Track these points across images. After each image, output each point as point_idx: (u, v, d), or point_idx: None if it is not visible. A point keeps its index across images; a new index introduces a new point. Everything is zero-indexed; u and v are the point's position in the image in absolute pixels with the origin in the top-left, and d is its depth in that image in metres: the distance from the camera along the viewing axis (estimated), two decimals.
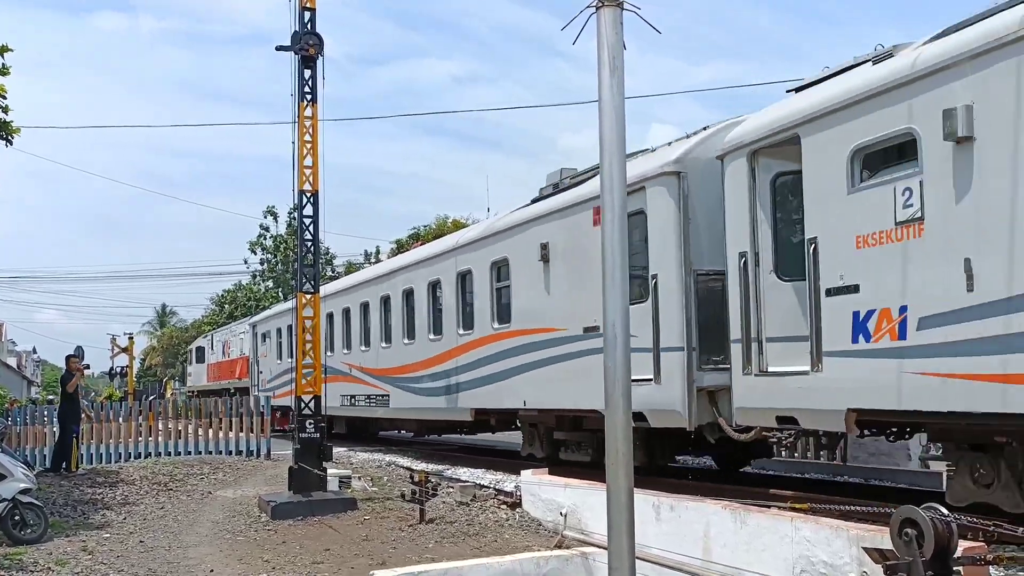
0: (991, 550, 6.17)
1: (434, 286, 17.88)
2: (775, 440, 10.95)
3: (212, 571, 9.85)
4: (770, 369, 9.75)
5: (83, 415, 18.19)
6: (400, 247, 44.40)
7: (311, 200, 14.42)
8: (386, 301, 20.24)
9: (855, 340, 8.53)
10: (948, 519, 5.65)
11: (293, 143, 14.26)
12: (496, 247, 15.45)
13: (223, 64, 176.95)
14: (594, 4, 5.42)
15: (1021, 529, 5.95)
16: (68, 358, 18.31)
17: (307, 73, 14.21)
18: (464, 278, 16.62)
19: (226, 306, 67.42)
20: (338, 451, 19.42)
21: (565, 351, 13.23)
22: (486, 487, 14.04)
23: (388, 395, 19.69)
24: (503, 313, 15.19)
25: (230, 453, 19.90)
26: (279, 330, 29.33)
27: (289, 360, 25.32)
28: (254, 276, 65.84)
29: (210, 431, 20.23)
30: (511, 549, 10.22)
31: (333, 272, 53.90)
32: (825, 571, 7.33)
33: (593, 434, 13.63)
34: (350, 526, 12.17)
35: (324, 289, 22.89)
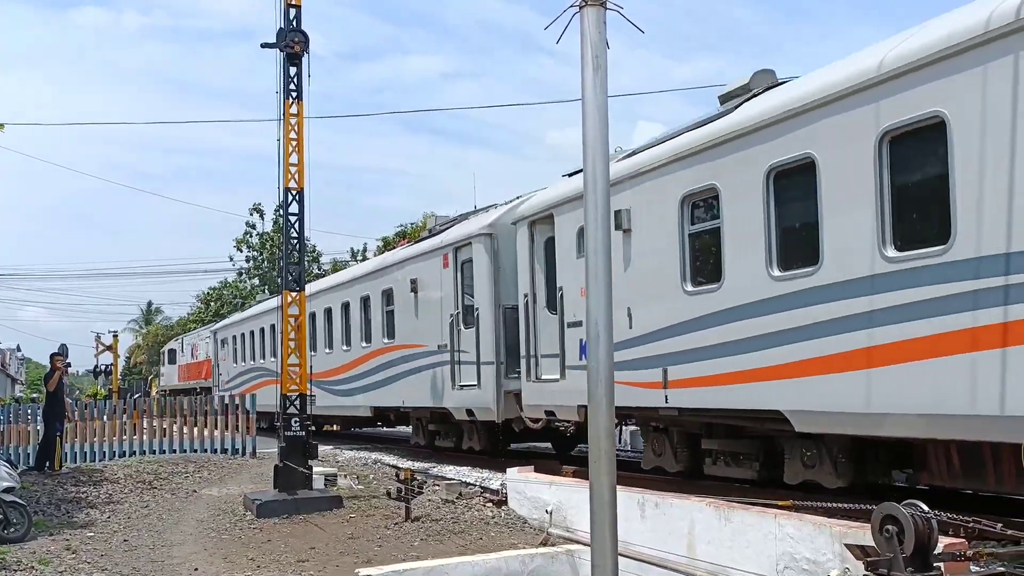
0: (971, 546, 6.22)
1: (346, 307, 22.03)
2: (563, 428, 15.11)
3: (196, 570, 9.83)
4: (542, 377, 13.68)
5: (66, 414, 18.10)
6: (387, 244, 44.35)
7: (296, 198, 14.39)
8: (313, 317, 23.10)
9: (581, 358, 12.02)
10: (928, 516, 5.70)
11: (278, 141, 14.23)
12: (385, 279, 19.67)
13: (208, 59, 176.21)
14: (577, 3, 5.42)
15: (1000, 525, 6.01)
16: (52, 356, 18.23)
17: (292, 70, 14.17)
18: (366, 301, 20.72)
19: (212, 304, 67.17)
20: (324, 449, 19.43)
21: (427, 362, 17.30)
22: (472, 485, 14.05)
23: (315, 395, 22.32)
24: (390, 331, 19.23)
25: (215, 451, 19.87)
26: (234, 337, 33.60)
27: (243, 363, 31.67)
28: (240, 273, 65.65)
29: (195, 429, 20.18)
30: (497, 547, 10.24)
31: (319, 270, 53.82)
32: (808, 568, 7.38)
33: (456, 425, 17.65)
34: (335, 524, 12.16)
35: (266, 305, 30.02)
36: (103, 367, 50.93)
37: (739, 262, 9.73)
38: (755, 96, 10.19)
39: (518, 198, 15.17)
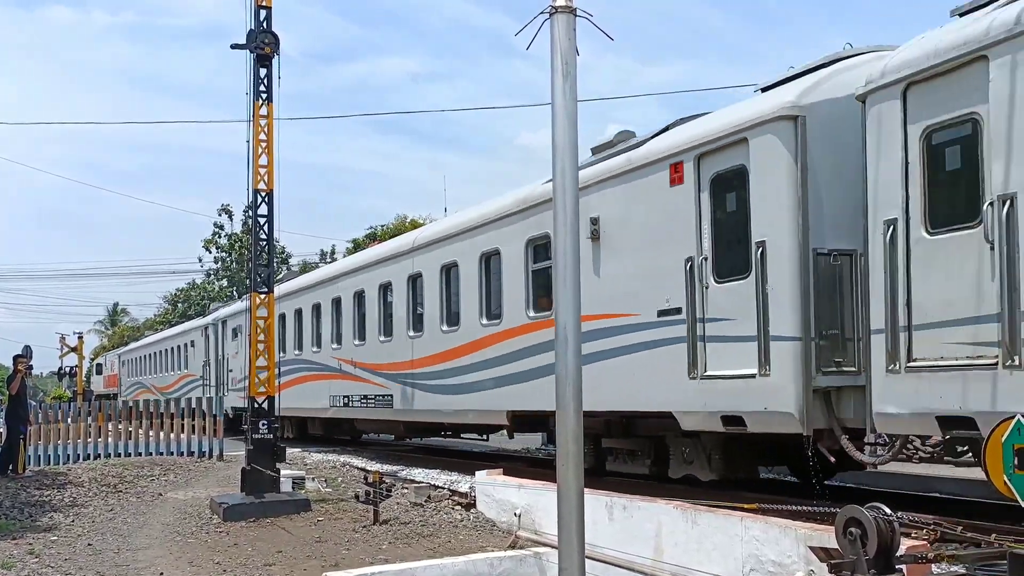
0: (933, 548, 6.31)
1: (172, 350, 38.64)
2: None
3: (162, 574, 9.75)
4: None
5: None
6: (357, 247, 44.23)
7: (266, 199, 14.32)
8: (159, 353, 41.14)
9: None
10: (891, 518, 5.78)
11: (248, 142, 14.15)
12: (187, 335, 36.41)
13: (177, 58, 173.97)
14: (548, 10, 5.47)
15: (960, 528, 6.11)
16: (16, 358, 17.98)
17: (262, 72, 14.10)
18: (184, 347, 36.68)
19: (179, 305, 66.62)
20: (292, 452, 19.33)
21: (197, 388, 31.62)
22: (440, 488, 14.04)
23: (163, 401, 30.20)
24: (183, 365, 36.20)
25: (182, 454, 19.71)
26: (133, 359, 49.06)
27: (132, 378, 48.14)
28: (208, 275, 65.17)
29: (161, 432, 20.01)
30: (465, 550, 10.25)
31: (288, 271, 53.47)
32: (773, 570, 7.45)
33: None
34: (303, 527, 12.11)
35: (153, 338, 46.84)
36: (67, 369, 50.38)
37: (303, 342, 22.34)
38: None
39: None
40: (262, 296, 14.46)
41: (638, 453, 11.62)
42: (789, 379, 8.54)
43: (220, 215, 61.53)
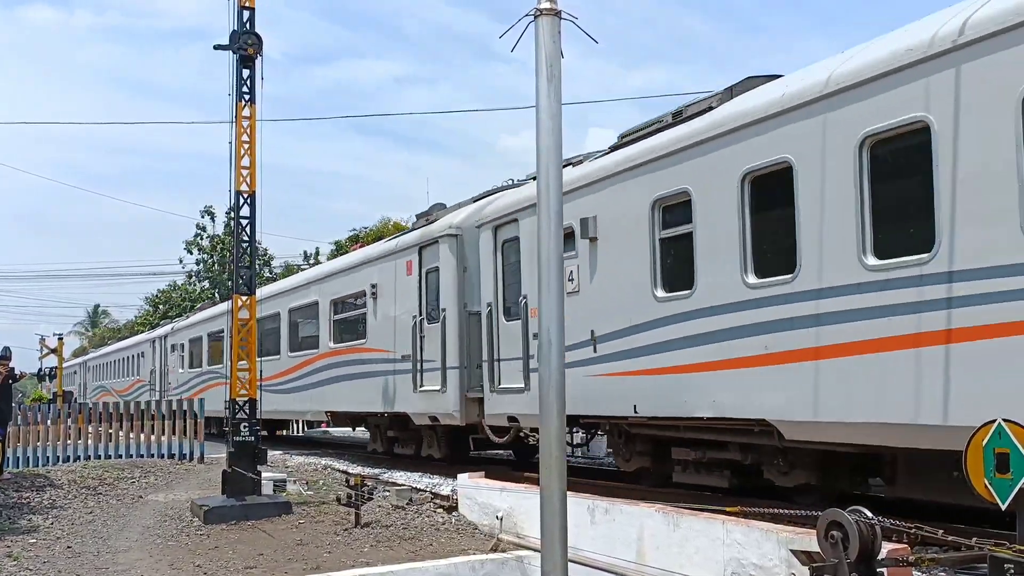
0: (914, 552, 6.33)
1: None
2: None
3: None
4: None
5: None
6: (339, 249, 44.11)
7: (248, 201, 14.24)
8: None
9: None
10: (872, 522, 5.80)
11: (230, 143, 14.07)
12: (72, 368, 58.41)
13: (161, 60, 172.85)
14: (532, 13, 5.46)
15: (941, 531, 6.14)
16: None
17: (245, 73, 14.04)
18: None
19: (160, 307, 66.19)
20: (273, 454, 19.24)
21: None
22: (422, 491, 14.01)
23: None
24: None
25: (162, 456, 19.58)
26: (71, 372, 60.17)
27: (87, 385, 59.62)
28: (190, 276, 64.78)
29: (142, 434, 19.88)
30: (447, 553, 10.22)
31: (271, 274, 53.29)
32: (755, 573, 7.47)
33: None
34: (284, 530, 12.05)
35: (78, 359, 66.72)
36: (47, 370, 49.97)
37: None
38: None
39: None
40: (244, 299, 14.38)
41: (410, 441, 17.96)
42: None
43: (203, 216, 61.15)
